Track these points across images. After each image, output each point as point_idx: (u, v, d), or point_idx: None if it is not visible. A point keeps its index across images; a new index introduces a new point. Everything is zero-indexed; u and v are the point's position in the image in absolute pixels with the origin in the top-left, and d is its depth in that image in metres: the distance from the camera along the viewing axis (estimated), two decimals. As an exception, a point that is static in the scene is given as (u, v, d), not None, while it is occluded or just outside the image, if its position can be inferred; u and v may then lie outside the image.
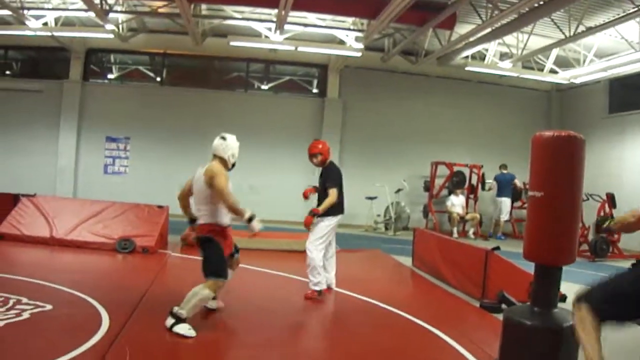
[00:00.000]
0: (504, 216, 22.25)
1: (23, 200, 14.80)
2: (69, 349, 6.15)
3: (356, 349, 7.45)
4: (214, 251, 8.15)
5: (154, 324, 7.57)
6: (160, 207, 14.81)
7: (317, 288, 10.05)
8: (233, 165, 8.96)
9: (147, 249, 13.30)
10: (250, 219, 7.97)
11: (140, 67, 25.65)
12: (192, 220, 8.66)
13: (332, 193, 9.97)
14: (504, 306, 9.33)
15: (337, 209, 10.18)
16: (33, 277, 9.57)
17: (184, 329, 7.25)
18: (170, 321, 7.33)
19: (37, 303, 7.95)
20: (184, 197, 8.97)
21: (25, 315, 7.42)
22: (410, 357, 7.24)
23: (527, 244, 6.05)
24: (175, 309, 7.42)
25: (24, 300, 7.99)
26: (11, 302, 7.87)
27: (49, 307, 7.82)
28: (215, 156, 8.81)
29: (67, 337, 6.72)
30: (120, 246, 13.33)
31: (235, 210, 7.99)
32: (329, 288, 10.52)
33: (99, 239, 13.64)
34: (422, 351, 7.56)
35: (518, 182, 22.41)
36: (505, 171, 22.51)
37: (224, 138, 8.93)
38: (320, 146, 10.41)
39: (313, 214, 9.93)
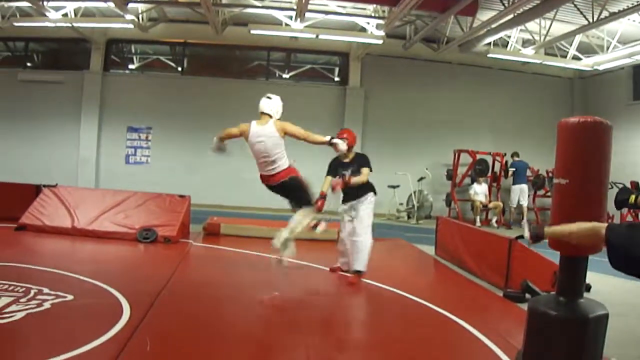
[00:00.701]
0: (525, 202, 22.13)
1: (45, 191, 14.81)
2: (90, 339, 6.10)
3: (379, 338, 7.43)
4: (304, 185, 9.99)
5: (175, 314, 7.59)
6: (181, 196, 14.74)
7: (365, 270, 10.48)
8: None
9: (168, 239, 13.27)
10: (331, 140, 9.84)
11: (161, 57, 25.72)
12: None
13: (366, 172, 10.60)
14: (527, 296, 9.25)
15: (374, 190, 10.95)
16: (54, 268, 9.56)
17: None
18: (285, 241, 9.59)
19: (58, 293, 7.90)
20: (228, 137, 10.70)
21: (46, 305, 7.38)
22: (434, 347, 7.15)
23: (552, 232, 5.95)
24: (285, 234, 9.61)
25: (45, 290, 7.95)
26: (32, 293, 7.82)
27: (70, 297, 7.78)
28: (263, 114, 10.33)
29: (87, 327, 6.69)
30: (142, 236, 13.30)
31: (318, 142, 9.91)
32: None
33: (120, 229, 13.62)
34: (445, 341, 7.48)
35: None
36: (517, 159, 22.46)
37: (269, 97, 10.47)
38: (345, 135, 10.76)
39: (346, 183, 10.41)
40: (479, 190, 22.04)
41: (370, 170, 10.74)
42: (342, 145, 9.75)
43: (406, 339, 7.44)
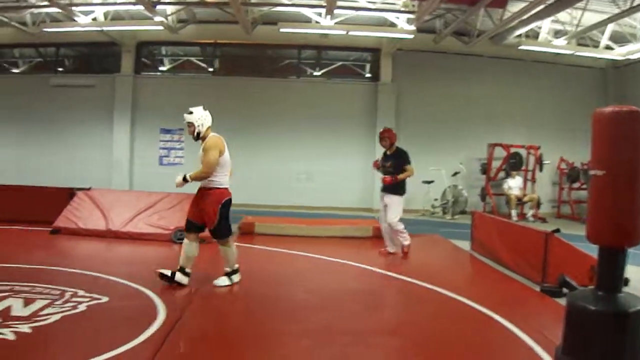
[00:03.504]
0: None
1: (79, 194, 14.96)
2: (125, 341, 6.14)
3: (417, 335, 7.37)
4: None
5: (210, 315, 7.65)
6: (216, 196, 14.76)
7: (408, 242, 12.96)
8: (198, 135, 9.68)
9: (203, 239, 13.23)
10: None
11: (192, 58, 25.75)
12: None
13: (410, 169, 12.79)
14: (564, 290, 9.15)
15: (403, 189, 12.85)
16: (89, 270, 9.63)
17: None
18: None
19: (93, 295, 7.97)
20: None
21: (82, 307, 7.44)
22: (471, 343, 7.07)
23: (589, 225, 5.82)
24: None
25: (80, 292, 8.02)
26: (67, 295, 7.91)
27: (105, 299, 7.84)
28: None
29: (122, 329, 6.72)
30: (177, 237, 13.32)
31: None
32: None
33: (154, 230, 13.73)
34: (482, 337, 7.40)
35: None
36: None
37: (204, 109, 10.13)
38: (386, 134, 13.04)
39: (394, 178, 12.50)
40: (513, 184, 21.86)
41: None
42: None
43: (443, 335, 7.37)
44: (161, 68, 25.70)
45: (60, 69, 25.63)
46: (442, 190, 22.76)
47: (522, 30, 20.09)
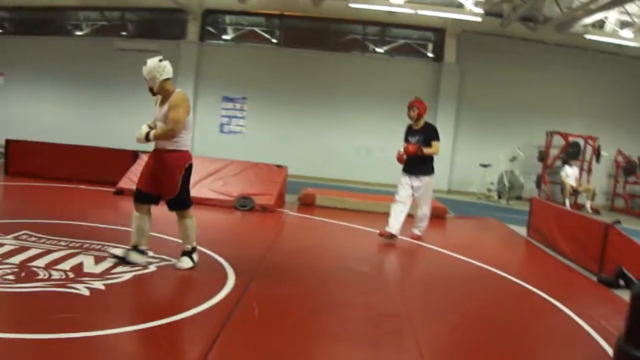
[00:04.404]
0: None
1: (142, 157, 15.04)
2: (197, 303, 6.27)
3: (479, 313, 7.45)
4: None
5: (278, 282, 7.70)
6: (279, 166, 14.95)
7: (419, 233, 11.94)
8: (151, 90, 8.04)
9: (266, 208, 13.43)
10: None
11: (255, 28, 25.79)
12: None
13: (437, 146, 11.40)
14: (621, 282, 9.15)
15: (432, 168, 11.72)
16: (155, 232, 9.69)
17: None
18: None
19: (162, 257, 8.13)
20: None
21: (152, 268, 7.59)
22: (531, 326, 7.15)
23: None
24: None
25: (150, 253, 8.08)
26: (138, 255, 7.96)
27: (174, 260, 7.94)
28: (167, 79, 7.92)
29: (194, 291, 6.90)
30: (239, 204, 13.54)
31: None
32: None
33: (218, 196, 13.90)
34: (542, 320, 7.42)
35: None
36: None
37: (161, 60, 8.02)
38: (416, 104, 11.45)
39: (419, 148, 11.20)
40: (570, 173, 21.63)
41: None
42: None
43: (505, 315, 7.48)
44: (225, 37, 25.83)
45: (123, 33, 25.92)
46: (498, 175, 22.66)
47: (589, 20, 19.91)
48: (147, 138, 7.68)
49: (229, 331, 5.64)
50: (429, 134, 11.37)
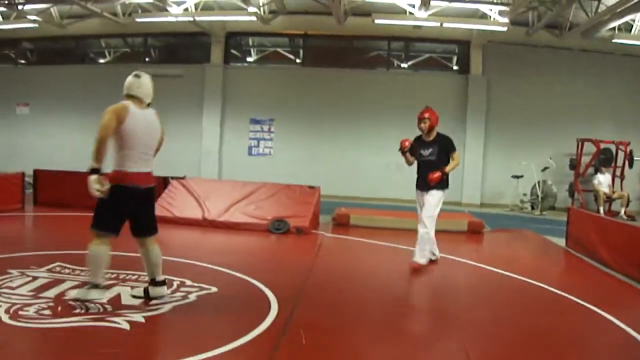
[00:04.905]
0: None
1: (173, 183, 15.07)
2: (243, 333, 6.08)
3: (522, 327, 7.31)
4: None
5: (322, 306, 7.60)
6: (311, 187, 14.90)
7: (424, 261, 10.35)
8: (148, 106, 7.66)
9: (301, 230, 13.30)
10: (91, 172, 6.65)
11: (278, 49, 25.84)
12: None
13: (457, 156, 10.55)
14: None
15: (447, 182, 10.69)
16: (191, 259, 9.64)
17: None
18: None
19: (202, 285, 7.95)
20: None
21: (192, 297, 7.42)
22: (579, 337, 7.08)
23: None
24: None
25: (188, 282, 8.01)
26: (175, 285, 7.89)
27: (214, 289, 7.81)
28: (133, 97, 7.34)
29: (238, 320, 6.68)
30: (274, 227, 13.38)
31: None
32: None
33: (252, 220, 13.76)
34: (589, 331, 7.32)
35: None
36: None
37: (138, 76, 7.50)
38: (427, 114, 10.65)
39: (443, 172, 10.23)
40: (603, 180, 21.37)
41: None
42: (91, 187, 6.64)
43: (551, 327, 7.26)
44: (248, 59, 25.91)
45: (147, 60, 26.06)
46: (531, 185, 22.42)
47: (615, 24, 19.63)
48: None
49: (278, 361, 5.45)
50: (444, 146, 10.61)
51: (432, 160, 10.47)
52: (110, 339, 5.76)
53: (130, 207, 6.98)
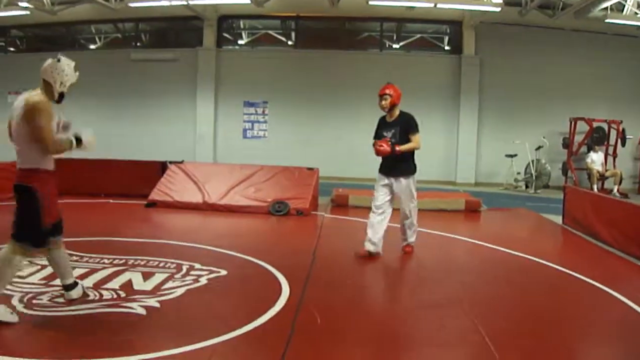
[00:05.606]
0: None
1: (171, 167, 15.05)
2: (257, 315, 6.15)
3: (532, 306, 7.32)
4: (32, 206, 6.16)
5: (331, 286, 7.63)
6: (310, 169, 14.90)
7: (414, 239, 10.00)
8: (61, 96, 6.84)
9: (301, 211, 13.34)
10: (78, 141, 6.59)
11: (271, 31, 25.77)
12: None
13: (417, 139, 9.50)
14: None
15: (415, 167, 9.85)
16: (196, 243, 9.67)
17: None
18: None
19: (211, 268, 7.99)
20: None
21: (203, 281, 7.46)
22: (587, 313, 7.10)
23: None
24: None
25: (197, 266, 8.05)
26: (184, 269, 7.93)
27: (223, 272, 7.86)
28: (43, 80, 6.73)
29: (251, 302, 6.74)
30: (275, 209, 13.43)
31: (61, 151, 6.42)
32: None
33: (252, 203, 13.79)
34: (597, 307, 7.33)
35: None
36: None
37: (58, 60, 6.71)
38: (388, 90, 9.73)
39: (393, 150, 9.30)
40: (596, 159, 21.43)
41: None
42: (89, 142, 6.88)
43: (565, 308, 7.28)
44: (240, 42, 25.83)
45: (137, 44, 25.99)
46: (524, 164, 22.50)
47: (607, 4, 19.68)
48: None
49: (296, 341, 5.53)
50: (406, 126, 9.60)
51: (393, 142, 9.46)
52: (128, 325, 5.82)
53: None
